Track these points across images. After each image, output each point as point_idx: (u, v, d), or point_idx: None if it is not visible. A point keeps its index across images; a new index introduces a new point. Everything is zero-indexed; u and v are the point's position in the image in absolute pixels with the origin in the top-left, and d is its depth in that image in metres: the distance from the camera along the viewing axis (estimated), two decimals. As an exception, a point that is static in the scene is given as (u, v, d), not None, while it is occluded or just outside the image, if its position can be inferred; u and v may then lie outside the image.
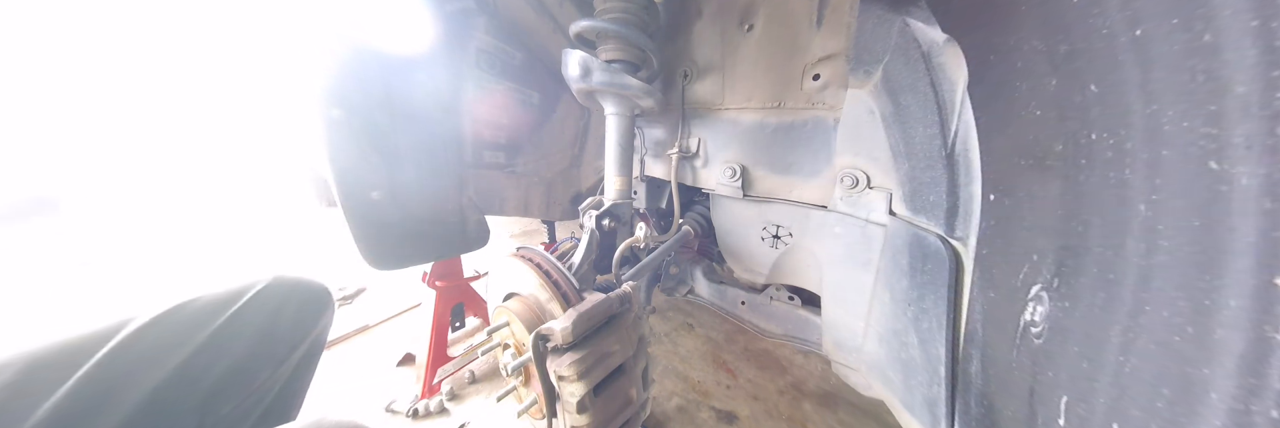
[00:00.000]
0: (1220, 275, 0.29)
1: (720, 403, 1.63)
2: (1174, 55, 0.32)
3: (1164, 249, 0.33)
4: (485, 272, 1.92)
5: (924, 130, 0.74)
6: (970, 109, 0.64)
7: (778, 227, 1.23)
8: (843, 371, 1.18)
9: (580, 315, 0.73)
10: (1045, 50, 0.46)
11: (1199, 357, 0.30)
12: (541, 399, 0.78)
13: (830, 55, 0.96)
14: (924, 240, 0.75)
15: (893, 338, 0.89)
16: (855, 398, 1.63)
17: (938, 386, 0.71)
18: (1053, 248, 0.46)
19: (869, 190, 0.94)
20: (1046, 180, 0.47)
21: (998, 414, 0.57)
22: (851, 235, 1.00)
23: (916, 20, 0.72)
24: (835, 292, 1.10)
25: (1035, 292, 0.48)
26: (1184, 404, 0.31)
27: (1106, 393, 0.37)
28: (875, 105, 0.88)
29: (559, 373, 0.71)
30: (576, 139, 1.59)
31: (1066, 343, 0.43)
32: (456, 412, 1.57)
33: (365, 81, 0.93)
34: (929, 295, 0.73)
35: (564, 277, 0.85)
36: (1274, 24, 0.26)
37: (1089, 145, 0.41)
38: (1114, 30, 0.36)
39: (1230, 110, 0.28)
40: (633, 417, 0.88)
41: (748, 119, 1.17)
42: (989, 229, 0.61)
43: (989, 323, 0.60)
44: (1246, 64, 0.27)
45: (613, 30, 0.93)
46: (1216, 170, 0.29)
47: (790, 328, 1.44)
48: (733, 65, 1.13)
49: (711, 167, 1.29)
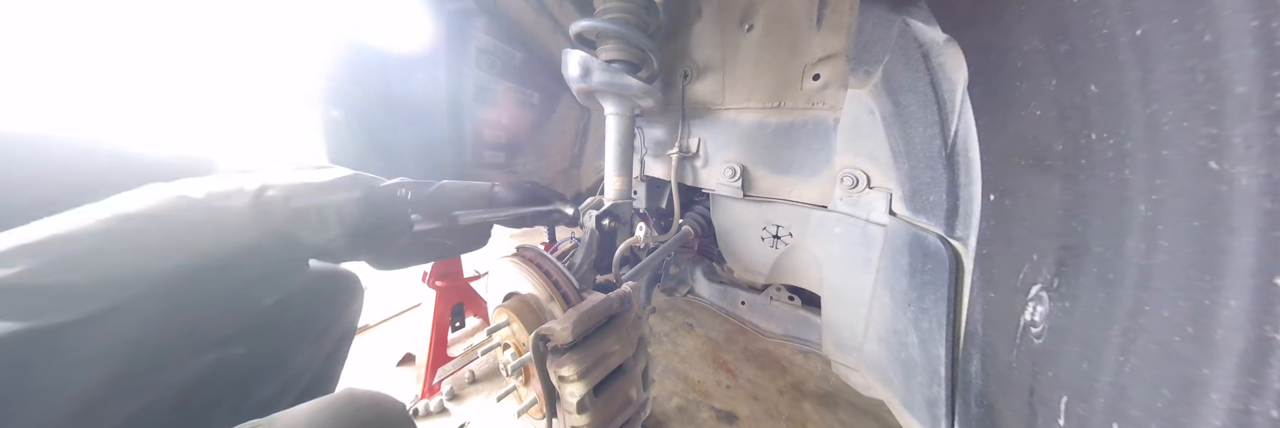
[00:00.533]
0: (1220, 275, 0.29)
1: (720, 403, 1.63)
2: (1174, 55, 0.32)
3: (1164, 249, 0.33)
4: (485, 272, 1.92)
5: (924, 130, 0.74)
6: (970, 109, 0.64)
7: (778, 227, 1.23)
8: (843, 371, 1.18)
9: (580, 316, 0.73)
10: (1045, 50, 0.46)
11: (1199, 357, 0.30)
12: (541, 399, 0.78)
13: (830, 55, 0.96)
14: (924, 240, 0.75)
15: (893, 338, 0.89)
16: (855, 398, 1.63)
17: (938, 386, 0.71)
18: (1053, 248, 0.46)
19: (869, 190, 0.94)
20: (1046, 180, 0.47)
21: (998, 414, 0.57)
22: (851, 235, 1.00)
23: (916, 20, 0.72)
24: (835, 292, 1.10)
25: (1035, 292, 0.48)
26: (1184, 404, 0.30)
27: (1106, 393, 0.37)
28: (875, 105, 0.88)
29: (559, 373, 0.71)
30: (576, 139, 1.59)
31: (1066, 343, 0.43)
32: (456, 412, 1.57)
33: (365, 82, 0.93)
34: (929, 295, 0.73)
35: (564, 277, 0.85)
36: (1274, 24, 0.26)
37: (1089, 145, 0.41)
38: (1114, 30, 0.36)
39: (1230, 110, 0.28)
40: (633, 417, 0.88)
41: (748, 119, 1.17)
42: (989, 229, 0.61)
43: (989, 323, 0.60)
44: (1246, 64, 0.27)
45: (613, 30, 0.93)
46: (1216, 170, 0.29)
47: (790, 328, 1.44)
48: (733, 65, 1.13)
49: (711, 167, 1.29)
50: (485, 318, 1.96)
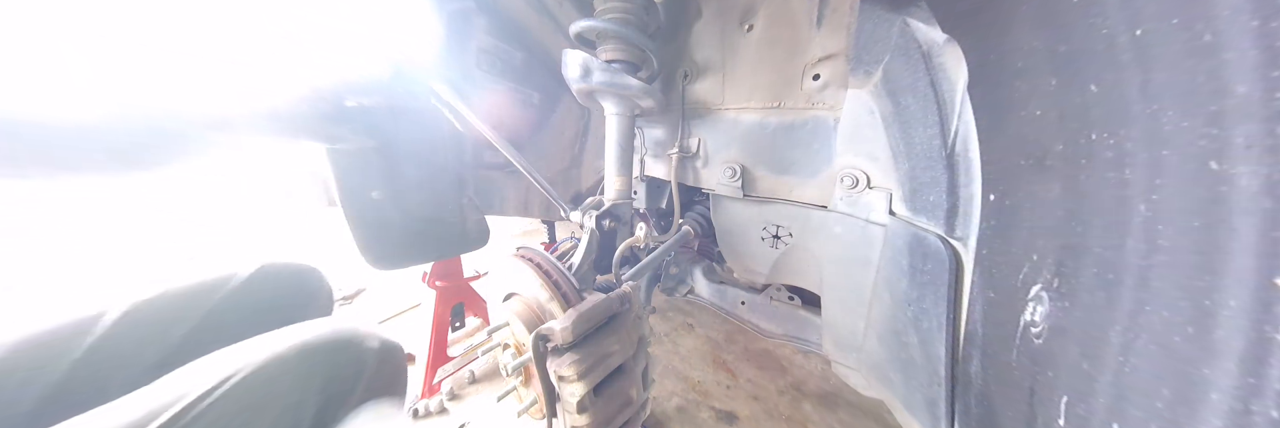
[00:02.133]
0: (1220, 275, 0.29)
1: (720, 403, 1.63)
2: (1174, 55, 0.32)
3: (1164, 249, 0.33)
4: (485, 272, 1.92)
5: (924, 130, 0.74)
6: (970, 109, 0.64)
7: (778, 227, 1.23)
8: (843, 371, 1.18)
9: (580, 316, 0.73)
10: (1045, 50, 0.46)
11: (1199, 357, 0.30)
12: (541, 399, 0.78)
13: (830, 55, 0.95)
14: (924, 240, 0.75)
15: (893, 338, 0.89)
16: (855, 398, 1.63)
17: (938, 386, 0.71)
18: (1053, 248, 0.46)
19: (869, 190, 0.94)
20: (1046, 180, 0.47)
21: (998, 414, 0.57)
22: (851, 235, 1.00)
23: (916, 20, 0.72)
24: (835, 292, 1.10)
25: (1035, 292, 0.48)
26: (1184, 404, 0.31)
27: (1106, 393, 0.37)
28: (875, 105, 0.88)
29: (559, 373, 0.71)
30: (576, 139, 1.59)
31: (1066, 343, 0.43)
32: (456, 412, 1.57)
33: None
34: (929, 295, 0.73)
35: (564, 277, 0.85)
36: (1274, 24, 0.26)
37: (1089, 145, 0.41)
38: (1114, 30, 0.36)
39: (1230, 110, 0.28)
40: (633, 417, 0.88)
41: (748, 119, 1.17)
42: (989, 229, 0.61)
43: (989, 323, 0.60)
44: (1246, 64, 0.27)
45: (613, 30, 0.93)
46: (1216, 170, 0.29)
47: (790, 328, 1.44)
48: (733, 65, 1.13)
49: (711, 167, 1.28)
50: (485, 318, 1.96)
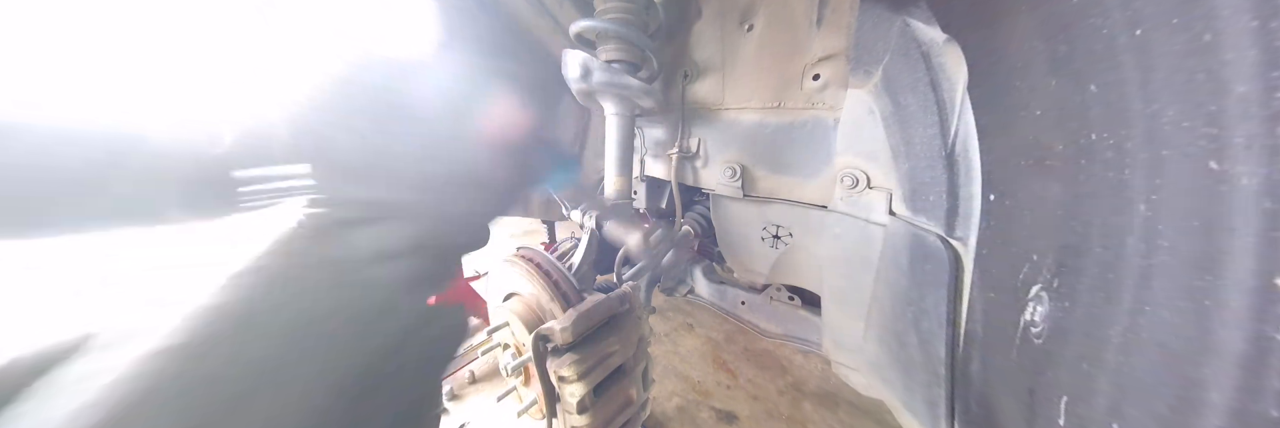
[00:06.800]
0: (1220, 275, 0.29)
1: (720, 403, 1.63)
2: (1174, 55, 0.32)
3: (1164, 249, 0.33)
4: (485, 272, 1.92)
5: (924, 130, 0.73)
6: (970, 109, 0.64)
7: (778, 227, 1.23)
8: (843, 371, 1.18)
9: (580, 316, 0.73)
10: (1045, 50, 0.46)
11: (1199, 357, 0.30)
12: (541, 399, 0.78)
13: (830, 55, 0.95)
14: (924, 240, 0.75)
15: (893, 338, 0.89)
16: (855, 398, 1.63)
17: (938, 386, 0.71)
18: (1053, 248, 0.46)
19: (869, 190, 0.94)
20: (1046, 180, 0.47)
21: (998, 414, 0.57)
22: (851, 235, 1.00)
23: (916, 20, 0.72)
24: (835, 292, 1.10)
25: (1035, 292, 0.48)
26: (1184, 404, 0.30)
27: (1106, 393, 0.37)
28: (875, 105, 0.88)
29: (559, 373, 0.71)
30: (576, 139, 1.59)
31: (1066, 343, 0.43)
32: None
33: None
34: (929, 295, 0.73)
35: (564, 277, 0.85)
36: (1274, 24, 0.26)
37: (1089, 145, 0.41)
38: (1114, 30, 0.36)
39: (1230, 110, 0.28)
40: (633, 417, 0.88)
41: (748, 119, 1.17)
42: (989, 229, 0.61)
43: (989, 323, 0.60)
44: (1246, 64, 0.27)
45: (612, 30, 0.93)
46: (1216, 170, 0.29)
47: (790, 328, 1.44)
48: (733, 65, 1.13)
49: (711, 167, 1.28)
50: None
